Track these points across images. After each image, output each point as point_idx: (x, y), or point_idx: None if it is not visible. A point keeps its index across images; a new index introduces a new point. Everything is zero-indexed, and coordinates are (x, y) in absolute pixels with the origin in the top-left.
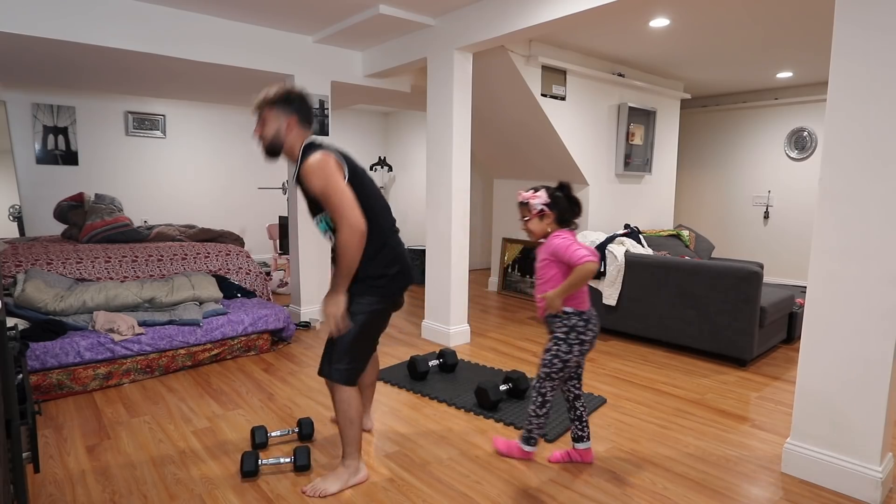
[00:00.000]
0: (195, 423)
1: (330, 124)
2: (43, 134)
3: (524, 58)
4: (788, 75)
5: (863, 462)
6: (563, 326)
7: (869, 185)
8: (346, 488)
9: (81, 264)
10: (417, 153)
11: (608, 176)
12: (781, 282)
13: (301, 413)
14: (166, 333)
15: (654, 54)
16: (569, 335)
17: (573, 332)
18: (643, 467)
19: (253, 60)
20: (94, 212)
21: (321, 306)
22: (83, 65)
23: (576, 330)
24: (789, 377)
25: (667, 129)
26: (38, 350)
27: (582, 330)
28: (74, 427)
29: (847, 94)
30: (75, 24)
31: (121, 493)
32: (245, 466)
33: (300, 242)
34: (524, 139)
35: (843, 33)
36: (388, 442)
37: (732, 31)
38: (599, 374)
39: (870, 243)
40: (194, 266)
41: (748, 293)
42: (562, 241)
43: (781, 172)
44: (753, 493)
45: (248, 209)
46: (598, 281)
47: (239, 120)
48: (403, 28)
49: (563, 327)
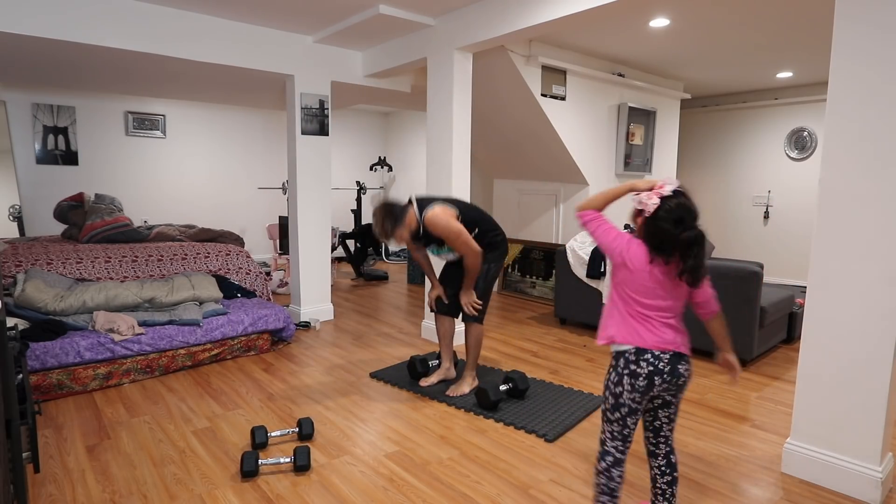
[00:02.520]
0: (195, 423)
1: (330, 124)
2: (43, 134)
3: (524, 58)
4: (788, 75)
5: (863, 462)
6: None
7: (869, 185)
8: (472, 389)
9: (81, 264)
10: (417, 153)
11: (608, 176)
12: (781, 282)
13: (301, 413)
14: (166, 333)
15: (654, 54)
16: (618, 361)
17: (621, 358)
18: (643, 467)
19: (253, 60)
20: (94, 212)
21: (462, 300)
22: (83, 65)
23: (625, 357)
24: (789, 377)
25: (667, 129)
26: (38, 350)
27: (634, 359)
28: (74, 427)
29: (847, 93)
30: (75, 24)
31: (121, 493)
32: (245, 466)
33: (300, 242)
34: (524, 139)
35: (843, 32)
36: (388, 442)
37: (732, 31)
38: (599, 373)
39: (870, 243)
40: (194, 266)
41: (748, 293)
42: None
43: (781, 172)
44: (753, 493)
45: (248, 209)
46: (598, 281)
47: (239, 120)
48: (403, 28)
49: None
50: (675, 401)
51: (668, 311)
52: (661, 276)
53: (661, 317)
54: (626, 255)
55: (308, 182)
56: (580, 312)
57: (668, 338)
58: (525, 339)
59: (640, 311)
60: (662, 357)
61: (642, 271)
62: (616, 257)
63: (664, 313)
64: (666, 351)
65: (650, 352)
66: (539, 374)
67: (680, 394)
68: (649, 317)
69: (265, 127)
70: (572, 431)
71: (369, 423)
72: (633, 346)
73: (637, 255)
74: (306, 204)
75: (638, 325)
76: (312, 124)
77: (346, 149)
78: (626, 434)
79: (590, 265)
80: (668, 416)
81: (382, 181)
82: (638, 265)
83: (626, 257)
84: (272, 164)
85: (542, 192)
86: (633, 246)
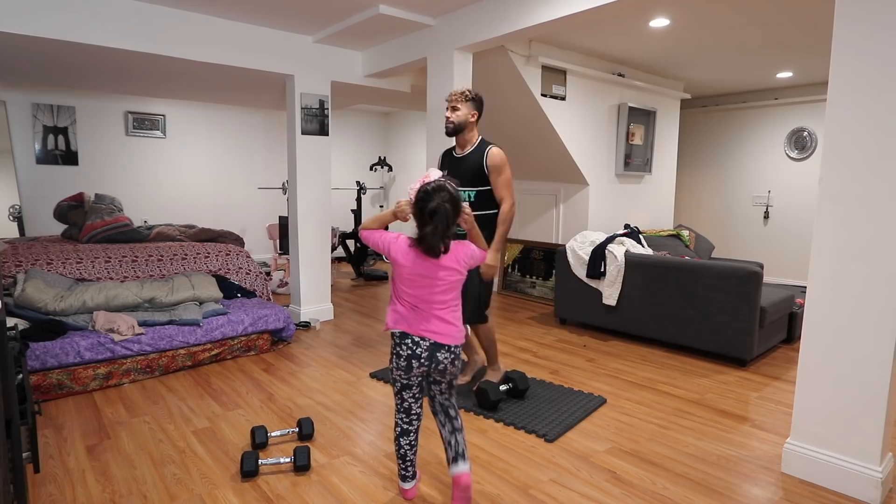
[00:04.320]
0: (195, 423)
1: (330, 124)
2: (43, 134)
3: (524, 58)
4: (788, 75)
5: (863, 462)
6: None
7: (869, 185)
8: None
9: (81, 264)
10: (417, 153)
11: (608, 176)
12: (781, 282)
13: (301, 413)
14: (166, 333)
15: (654, 54)
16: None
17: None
18: (643, 467)
19: (253, 60)
20: (94, 212)
21: (485, 267)
22: (83, 65)
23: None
24: (789, 377)
25: (667, 129)
26: (38, 350)
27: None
28: (74, 427)
29: (847, 92)
30: (75, 24)
31: (121, 493)
32: (245, 466)
33: (300, 242)
34: (524, 139)
35: (843, 30)
36: (388, 442)
37: (732, 31)
38: (599, 374)
39: (870, 243)
40: (194, 266)
41: (748, 293)
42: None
43: (781, 172)
44: (753, 493)
45: (248, 209)
46: (598, 281)
47: (239, 120)
48: (403, 28)
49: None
50: (443, 380)
51: (427, 301)
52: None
53: (425, 306)
54: (392, 249)
55: (308, 182)
56: (580, 312)
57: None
58: (525, 339)
59: (406, 300)
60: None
61: (405, 264)
62: (387, 254)
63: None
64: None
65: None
66: (539, 374)
67: (444, 377)
68: (416, 306)
69: (265, 127)
70: (572, 431)
71: (369, 423)
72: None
73: (401, 247)
74: (306, 204)
75: (406, 313)
76: (312, 124)
77: (346, 149)
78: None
79: (590, 265)
80: (440, 390)
81: (382, 181)
82: (402, 259)
83: (392, 251)
84: (272, 164)
85: (543, 192)
86: (399, 241)
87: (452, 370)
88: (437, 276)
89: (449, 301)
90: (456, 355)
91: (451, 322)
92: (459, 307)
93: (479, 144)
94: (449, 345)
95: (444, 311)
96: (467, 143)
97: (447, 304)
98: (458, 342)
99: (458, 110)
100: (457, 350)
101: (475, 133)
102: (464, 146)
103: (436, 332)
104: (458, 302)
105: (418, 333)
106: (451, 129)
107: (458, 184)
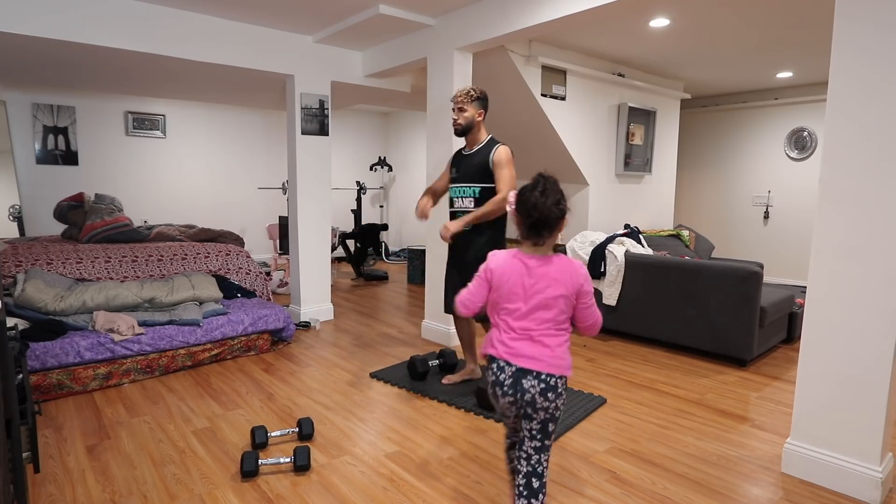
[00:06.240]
0: (195, 423)
1: (330, 124)
2: (43, 134)
3: (524, 58)
4: (788, 75)
5: (863, 462)
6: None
7: (869, 185)
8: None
9: (81, 264)
10: (417, 153)
11: (608, 176)
12: (781, 282)
13: (301, 413)
14: (166, 333)
15: (654, 54)
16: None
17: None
18: (643, 467)
19: (253, 60)
20: (94, 212)
21: (453, 224)
22: (83, 65)
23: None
24: (789, 377)
25: (667, 129)
26: (38, 350)
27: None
28: (74, 427)
29: (847, 92)
30: (75, 24)
31: (121, 493)
32: (245, 466)
33: (300, 242)
34: (524, 139)
35: (843, 31)
36: (388, 442)
37: (732, 31)
38: (599, 374)
39: (870, 243)
40: (194, 266)
41: (748, 293)
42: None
43: (781, 172)
44: (753, 493)
45: (248, 209)
46: (598, 281)
47: (239, 120)
48: (403, 28)
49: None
50: (536, 417)
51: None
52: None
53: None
54: (492, 276)
55: (308, 182)
56: None
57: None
58: None
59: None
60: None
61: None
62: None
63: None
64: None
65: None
66: None
67: (535, 411)
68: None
69: (265, 127)
70: (572, 431)
71: (369, 423)
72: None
73: (499, 264)
74: (306, 204)
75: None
76: (312, 124)
77: (346, 149)
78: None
79: (590, 265)
80: (530, 429)
81: (382, 181)
82: (501, 273)
83: (492, 277)
84: (272, 164)
85: None
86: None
87: (544, 404)
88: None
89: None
90: (549, 386)
91: (547, 346)
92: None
93: (487, 142)
94: (539, 371)
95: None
96: (476, 141)
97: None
98: (552, 370)
99: (465, 111)
100: (548, 379)
101: (483, 132)
102: (472, 145)
103: (525, 357)
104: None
105: (503, 357)
106: (460, 130)
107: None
